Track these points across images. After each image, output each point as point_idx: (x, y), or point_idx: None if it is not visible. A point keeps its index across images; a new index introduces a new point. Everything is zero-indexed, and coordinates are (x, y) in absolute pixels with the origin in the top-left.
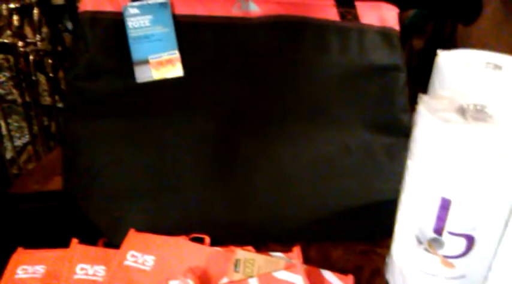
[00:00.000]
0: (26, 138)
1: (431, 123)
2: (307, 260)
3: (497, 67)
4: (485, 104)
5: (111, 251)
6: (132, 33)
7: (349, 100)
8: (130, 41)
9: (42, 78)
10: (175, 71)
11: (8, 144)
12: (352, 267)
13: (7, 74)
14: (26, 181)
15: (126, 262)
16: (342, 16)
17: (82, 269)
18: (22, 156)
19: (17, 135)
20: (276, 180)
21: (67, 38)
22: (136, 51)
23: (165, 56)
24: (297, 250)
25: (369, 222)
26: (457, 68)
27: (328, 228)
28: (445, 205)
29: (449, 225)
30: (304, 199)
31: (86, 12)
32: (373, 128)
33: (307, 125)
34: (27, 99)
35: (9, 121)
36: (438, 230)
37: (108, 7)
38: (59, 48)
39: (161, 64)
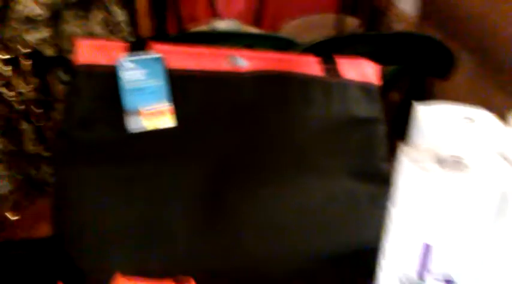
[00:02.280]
0: (8, 187)
1: (413, 172)
2: None
3: (471, 119)
4: (461, 155)
5: None
6: (126, 86)
7: (333, 150)
8: (124, 93)
9: (28, 127)
10: (167, 122)
11: None
12: None
13: None
14: (13, 228)
15: None
16: (326, 72)
17: None
18: (4, 205)
19: None
20: (263, 229)
21: (58, 88)
22: (130, 103)
23: (158, 108)
24: None
25: (354, 268)
26: (433, 121)
27: (315, 275)
28: (426, 250)
29: (431, 268)
30: (290, 247)
31: (81, 65)
32: (356, 177)
33: (294, 175)
34: (11, 147)
35: None
36: (421, 274)
37: (103, 61)
38: (46, 98)
39: (153, 115)
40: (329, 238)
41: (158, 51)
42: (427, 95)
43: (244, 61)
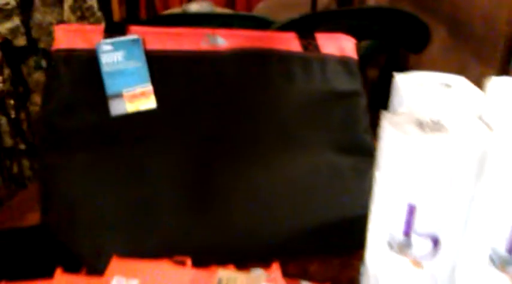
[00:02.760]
0: None
1: (394, 136)
2: (286, 275)
3: (448, 85)
4: (441, 118)
5: (95, 279)
6: (105, 69)
7: (316, 124)
8: (104, 76)
9: (3, 120)
10: (149, 103)
11: None
12: (329, 278)
13: None
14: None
15: None
16: (304, 47)
17: None
18: None
19: None
20: (252, 202)
21: (32, 78)
22: (110, 86)
23: (138, 89)
24: (275, 266)
25: (342, 237)
26: (412, 88)
27: (305, 244)
28: (411, 210)
29: (416, 228)
30: (279, 218)
31: (59, 50)
32: (339, 149)
33: (278, 149)
34: None
35: None
36: (407, 233)
37: (81, 45)
38: (21, 89)
39: (135, 97)
40: (315, 210)
41: (136, 33)
42: (403, 68)
43: (222, 39)
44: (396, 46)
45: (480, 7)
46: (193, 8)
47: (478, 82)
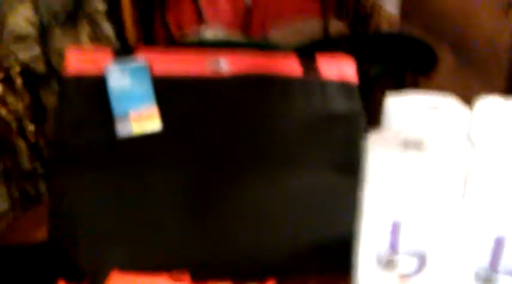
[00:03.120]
0: (5, 205)
1: (378, 154)
2: None
3: (435, 107)
4: (424, 138)
5: None
6: (113, 92)
7: (315, 145)
8: (112, 99)
9: (22, 145)
10: (154, 125)
11: None
12: None
13: None
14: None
15: None
16: (305, 72)
17: None
18: (1, 222)
19: None
20: (250, 220)
21: (51, 103)
22: (118, 109)
23: (144, 112)
24: (271, 283)
25: (340, 256)
26: (400, 109)
27: (302, 263)
28: (396, 228)
29: (402, 245)
30: (277, 236)
31: (70, 74)
32: (338, 169)
33: (278, 169)
34: (7, 165)
35: None
36: (393, 251)
37: (90, 68)
38: (40, 115)
39: (140, 119)
40: (313, 229)
41: (143, 57)
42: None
43: (226, 64)
44: (404, 69)
45: (483, 31)
46: (208, 34)
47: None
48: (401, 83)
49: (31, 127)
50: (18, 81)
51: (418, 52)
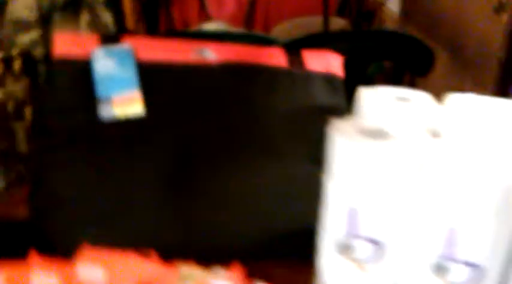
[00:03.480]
0: (2, 184)
1: (339, 142)
2: (248, 276)
3: (406, 99)
4: (385, 128)
5: (64, 263)
6: (98, 76)
7: (296, 136)
8: (97, 82)
9: (19, 127)
10: (137, 109)
11: None
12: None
13: None
14: None
15: (77, 273)
16: (290, 63)
17: (38, 277)
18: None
19: None
20: (224, 204)
21: None
22: (102, 91)
23: (127, 95)
24: (236, 266)
25: (308, 242)
26: (369, 100)
27: (271, 249)
28: (353, 214)
29: (359, 232)
30: (248, 222)
31: (58, 57)
32: (316, 161)
33: (256, 157)
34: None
35: None
36: (350, 237)
37: (77, 52)
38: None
39: (123, 103)
40: (283, 216)
41: (128, 43)
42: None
43: (210, 53)
44: (403, 68)
45: (476, 32)
46: (209, 27)
47: None
48: (399, 82)
49: (28, 111)
50: (17, 64)
51: (417, 52)
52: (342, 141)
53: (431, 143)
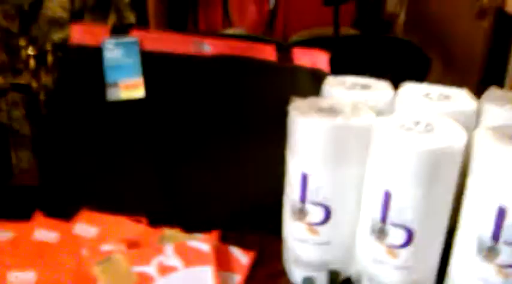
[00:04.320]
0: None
1: (295, 118)
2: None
3: (367, 87)
4: (338, 106)
5: (65, 223)
6: (107, 62)
7: (279, 125)
8: (105, 68)
9: None
10: (139, 93)
11: None
12: (261, 248)
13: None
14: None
15: (75, 231)
16: (279, 58)
17: (40, 232)
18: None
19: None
20: (209, 180)
21: None
22: (109, 76)
23: (132, 81)
24: (214, 232)
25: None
26: (331, 85)
27: (247, 219)
28: (303, 179)
29: (309, 197)
30: (230, 194)
31: (72, 45)
32: None
33: (240, 139)
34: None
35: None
36: (302, 202)
37: (90, 41)
38: None
39: (128, 87)
40: (260, 192)
41: (136, 35)
42: None
43: (208, 46)
44: (402, 75)
45: (461, 32)
46: (228, 32)
47: None
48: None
49: None
50: (50, 58)
51: (416, 60)
52: (298, 117)
53: (376, 119)
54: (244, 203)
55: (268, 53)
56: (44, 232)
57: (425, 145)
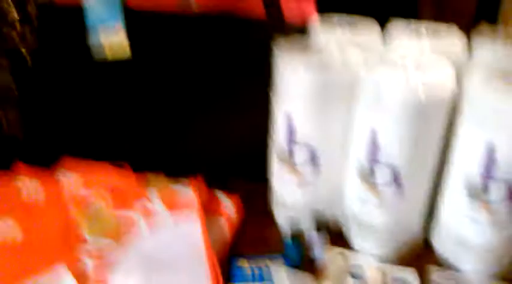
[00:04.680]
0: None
1: (278, 59)
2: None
3: (354, 25)
4: (326, 46)
5: (46, 170)
6: (90, 19)
7: (263, 86)
8: (89, 26)
9: None
10: (125, 54)
11: None
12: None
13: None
14: None
15: (57, 176)
16: (268, 15)
17: (21, 181)
18: None
19: None
20: (192, 131)
21: None
22: (90, 22)
23: (112, 27)
24: (199, 177)
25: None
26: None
27: (233, 166)
28: (289, 122)
29: (294, 137)
30: (216, 142)
31: (55, 5)
32: None
33: (227, 104)
34: None
35: None
36: (288, 145)
37: (74, 1)
38: None
39: (108, 32)
40: (245, 142)
41: None
42: None
43: (194, 2)
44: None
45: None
46: None
47: None
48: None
49: None
50: (35, 21)
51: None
52: (281, 56)
53: (362, 57)
54: (231, 149)
55: (256, 9)
56: (26, 181)
57: (413, 83)
